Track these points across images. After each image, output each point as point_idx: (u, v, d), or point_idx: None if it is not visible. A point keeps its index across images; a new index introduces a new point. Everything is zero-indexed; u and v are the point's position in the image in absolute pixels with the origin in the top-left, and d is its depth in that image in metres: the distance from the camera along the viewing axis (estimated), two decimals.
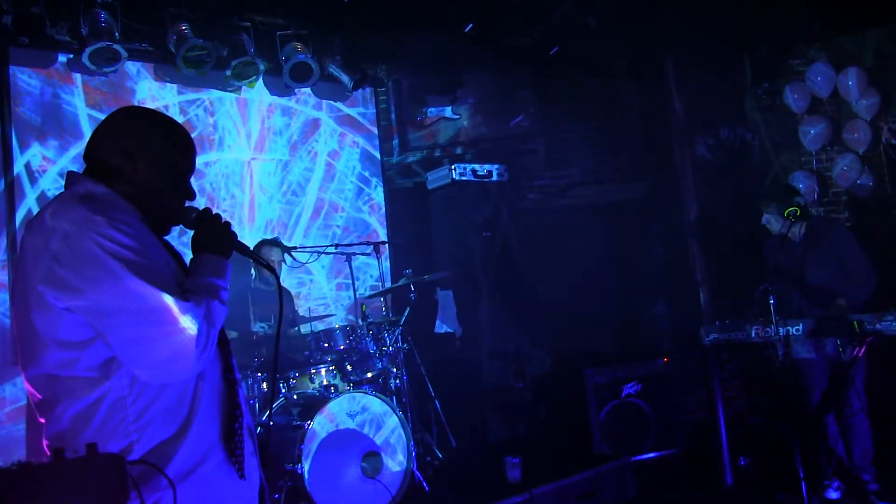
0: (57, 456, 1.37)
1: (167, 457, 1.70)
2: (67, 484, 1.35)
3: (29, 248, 1.68)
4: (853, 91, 6.16)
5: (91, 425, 1.66)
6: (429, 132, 6.44)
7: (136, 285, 1.62)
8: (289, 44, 5.50)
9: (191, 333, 1.65)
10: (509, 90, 6.47)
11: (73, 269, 1.62)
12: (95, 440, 1.60)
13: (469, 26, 5.61)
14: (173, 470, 1.69)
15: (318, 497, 3.94)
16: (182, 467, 1.72)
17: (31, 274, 1.66)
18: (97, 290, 1.61)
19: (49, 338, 1.66)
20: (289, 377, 4.66)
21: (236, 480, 1.82)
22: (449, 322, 5.91)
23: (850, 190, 6.34)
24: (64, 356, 1.66)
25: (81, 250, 1.62)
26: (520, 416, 5.90)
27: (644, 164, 6.41)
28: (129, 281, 1.62)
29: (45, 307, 1.65)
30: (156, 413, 1.70)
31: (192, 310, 1.67)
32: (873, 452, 4.45)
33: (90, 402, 1.66)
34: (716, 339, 4.21)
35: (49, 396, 1.70)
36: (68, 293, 1.62)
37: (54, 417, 1.69)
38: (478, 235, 5.93)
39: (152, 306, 1.63)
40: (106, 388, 1.67)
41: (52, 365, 1.67)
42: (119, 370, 1.68)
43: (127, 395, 1.68)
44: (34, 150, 4.85)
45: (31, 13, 4.50)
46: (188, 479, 1.72)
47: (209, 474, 1.77)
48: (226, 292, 1.85)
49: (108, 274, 1.61)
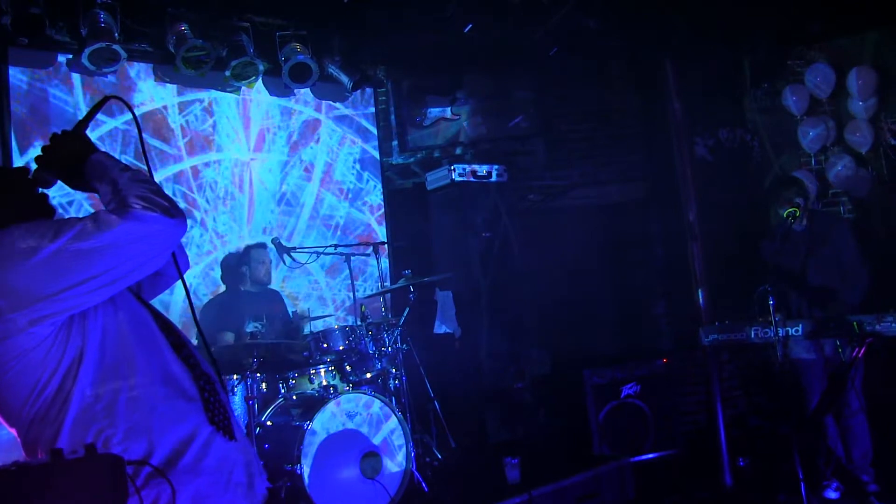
0: (55, 456, 1.36)
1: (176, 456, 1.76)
2: (66, 484, 1.34)
3: None
4: (853, 92, 6.17)
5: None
6: (428, 132, 6.44)
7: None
8: (288, 44, 5.50)
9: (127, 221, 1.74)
10: (509, 90, 6.47)
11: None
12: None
13: (469, 26, 5.60)
14: (184, 464, 1.76)
15: (318, 498, 3.94)
16: (189, 459, 1.77)
17: None
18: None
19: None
20: (288, 378, 4.66)
21: (229, 444, 1.87)
22: (448, 322, 5.90)
23: (849, 191, 6.34)
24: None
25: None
26: (519, 416, 5.90)
27: (644, 165, 6.42)
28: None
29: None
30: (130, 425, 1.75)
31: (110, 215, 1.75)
32: (872, 453, 4.45)
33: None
34: (715, 339, 4.21)
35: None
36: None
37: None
38: (477, 236, 5.93)
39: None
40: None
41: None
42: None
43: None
44: (34, 151, 4.85)
45: (31, 13, 4.48)
46: (199, 467, 1.78)
47: (207, 455, 1.81)
48: (116, 163, 1.89)
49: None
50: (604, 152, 6.52)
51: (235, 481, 1.86)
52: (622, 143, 6.50)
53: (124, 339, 1.81)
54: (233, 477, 1.85)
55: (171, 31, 5.05)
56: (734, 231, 5.55)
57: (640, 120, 6.53)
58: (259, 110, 5.87)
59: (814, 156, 6.42)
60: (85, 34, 4.72)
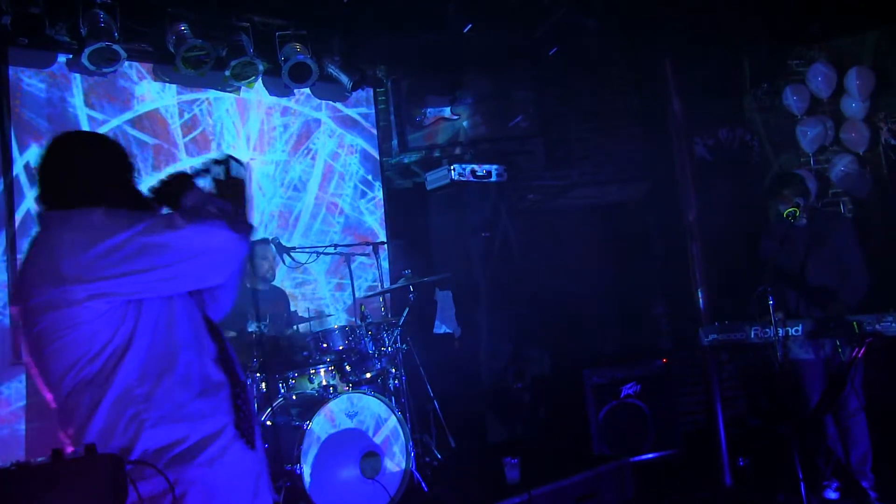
0: (56, 456, 1.37)
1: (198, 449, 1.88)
2: (66, 484, 1.35)
3: None
4: (853, 92, 6.17)
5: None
6: (428, 132, 6.43)
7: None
8: (288, 44, 5.50)
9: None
10: (509, 90, 6.46)
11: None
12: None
13: (469, 26, 5.60)
14: (203, 458, 1.87)
15: (317, 497, 3.94)
16: (209, 455, 1.88)
17: None
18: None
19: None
20: (287, 377, 4.66)
21: (248, 452, 1.99)
22: (448, 322, 5.91)
23: (849, 190, 6.35)
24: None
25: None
26: (519, 416, 5.90)
27: (643, 165, 6.42)
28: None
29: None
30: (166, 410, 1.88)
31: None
32: (872, 455, 4.44)
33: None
34: (715, 339, 4.21)
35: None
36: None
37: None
38: (477, 236, 5.93)
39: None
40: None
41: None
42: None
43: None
44: (34, 151, 4.85)
45: (31, 13, 4.49)
46: (216, 463, 1.89)
47: (226, 454, 1.92)
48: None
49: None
50: (604, 152, 6.52)
51: (244, 487, 1.97)
52: (622, 143, 6.50)
53: (173, 337, 1.94)
54: (242, 483, 1.96)
55: (170, 31, 5.05)
56: (734, 231, 5.54)
57: (639, 120, 6.53)
58: (259, 110, 5.87)
59: (812, 155, 6.43)
60: (85, 34, 4.72)
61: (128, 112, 5.25)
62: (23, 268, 1.94)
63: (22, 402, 4.63)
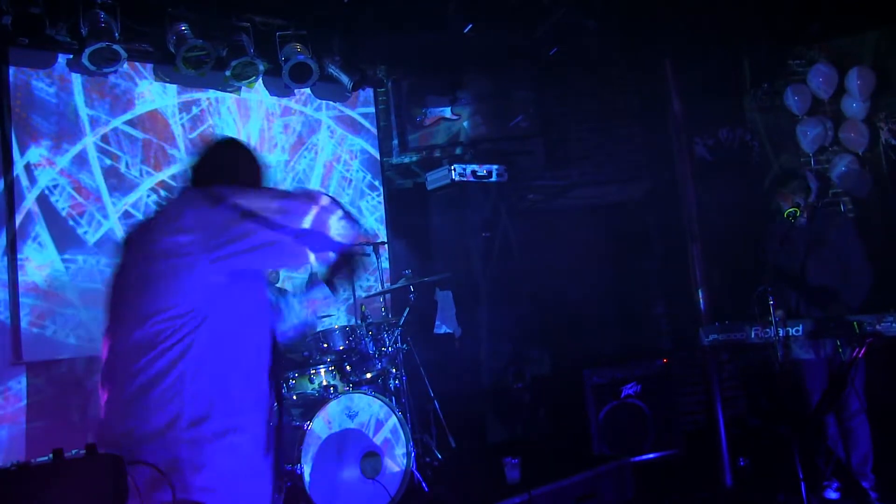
0: (56, 456, 1.37)
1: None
2: (67, 484, 1.35)
3: None
4: (854, 92, 6.17)
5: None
6: (428, 133, 6.44)
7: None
8: (288, 44, 5.50)
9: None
10: (509, 90, 6.47)
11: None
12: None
13: (469, 26, 5.60)
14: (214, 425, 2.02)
15: (318, 497, 3.94)
16: (230, 441, 2.05)
17: None
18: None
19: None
20: (288, 378, 4.66)
21: (261, 454, 2.17)
22: (448, 322, 5.91)
23: (850, 190, 6.34)
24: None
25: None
26: (519, 416, 5.90)
27: (644, 165, 6.42)
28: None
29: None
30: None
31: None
32: (873, 456, 4.43)
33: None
34: (715, 339, 4.21)
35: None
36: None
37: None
38: (477, 236, 5.93)
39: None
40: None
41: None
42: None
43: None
44: (34, 151, 4.85)
45: (31, 13, 4.49)
46: (222, 439, 2.04)
47: (244, 444, 2.10)
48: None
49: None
50: (603, 152, 6.52)
51: (245, 481, 2.12)
52: (622, 143, 6.50)
53: (240, 337, 2.13)
54: (244, 477, 2.12)
55: (171, 31, 5.05)
56: (734, 231, 5.54)
57: (639, 120, 6.53)
58: (259, 111, 5.87)
59: (813, 156, 6.43)
60: (85, 34, 4.73)
61: (128, 112, 5.25)
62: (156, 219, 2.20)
63: (23, 401, 4.63)
